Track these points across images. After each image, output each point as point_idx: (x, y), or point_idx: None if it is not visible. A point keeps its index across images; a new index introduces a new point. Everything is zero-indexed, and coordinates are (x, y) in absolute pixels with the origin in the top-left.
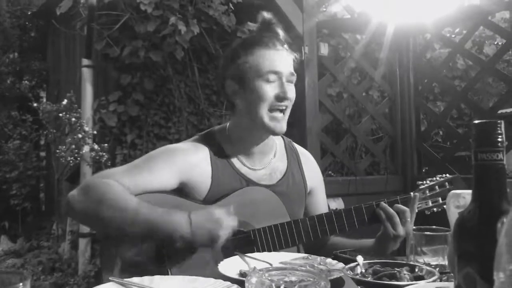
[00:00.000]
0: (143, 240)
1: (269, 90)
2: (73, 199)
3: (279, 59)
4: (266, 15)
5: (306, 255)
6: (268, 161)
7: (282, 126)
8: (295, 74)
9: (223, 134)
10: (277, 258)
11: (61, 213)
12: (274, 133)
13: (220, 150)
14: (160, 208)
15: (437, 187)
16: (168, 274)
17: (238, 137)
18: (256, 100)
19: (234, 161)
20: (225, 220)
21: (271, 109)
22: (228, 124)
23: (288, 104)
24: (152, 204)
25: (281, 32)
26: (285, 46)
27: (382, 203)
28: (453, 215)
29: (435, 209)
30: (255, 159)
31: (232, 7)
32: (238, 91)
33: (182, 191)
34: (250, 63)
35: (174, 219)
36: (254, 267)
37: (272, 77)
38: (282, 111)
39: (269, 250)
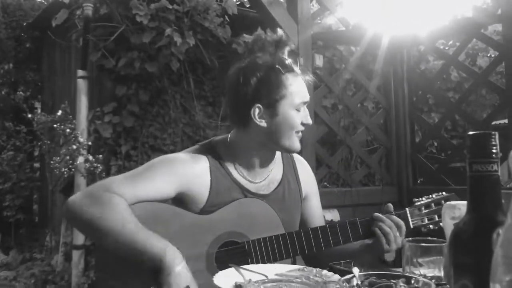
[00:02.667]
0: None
1: (298, 118)
2: (76, 208)
3: (306, 88)
4: (280, 32)
5: (302, 266)
6: (268, 173)
7: (300, 144)
8: None
9: (224, 146)
10: (272, 270)
11: (55, 224)
12: (294, 152)
13: (221, 162)
14: (157, 235)
15: (433, 204)
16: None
17: (242, 152)
18: (287, 126)
19: (234, 172)
20: None
21: (296, 132)
22: (230, 136)
23: None
24: (149, 217)
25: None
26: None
27: (380, 216)
28: (448, 226)
29: (431, 226)
30: (256, 173)
31: (227, 19)
32: (265, 116)
33: (180, 200)
34: (285, 93)
35: (169, 251)
36: (250, 279)
37: (301, 107)
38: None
39: (263, 262)
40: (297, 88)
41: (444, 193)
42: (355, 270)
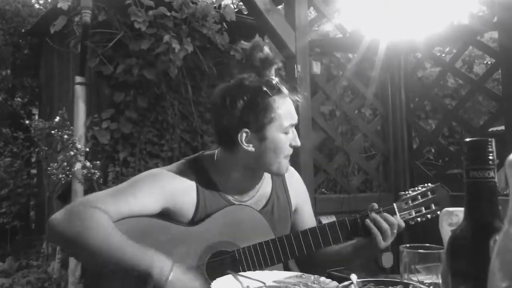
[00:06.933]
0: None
1: (286, 140)
2: (56, 225)
3: (294, 109)
4: (266, 50)
5: (300, 273)
6: (256, 191)
7: (288, 166)
8: None
9: (211, 162)
10: (270, 276)
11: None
12: (282, 174)
13: (208, 178)
14: (142, 248)
15: (419, 197)
16: None
17: (229, 171)
18: (275, 150)
19: (221, 188)
20: None
21: (285, 156)
22: (217, 153)
23: None
24: (137, 231)
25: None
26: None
27: (374, 214)
28: (446, 233)
29: (418, 219)
30: (244, 192)
31: (225, 26)
32: (253, 140)
33: (167, 215)
34: (274, 117)
35: (156, 262)
36: (248, 286)
37: (290, 129)
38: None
39: (255, 269)
40: (285, 111)
41: (429, 184)
42: (353, 277)
